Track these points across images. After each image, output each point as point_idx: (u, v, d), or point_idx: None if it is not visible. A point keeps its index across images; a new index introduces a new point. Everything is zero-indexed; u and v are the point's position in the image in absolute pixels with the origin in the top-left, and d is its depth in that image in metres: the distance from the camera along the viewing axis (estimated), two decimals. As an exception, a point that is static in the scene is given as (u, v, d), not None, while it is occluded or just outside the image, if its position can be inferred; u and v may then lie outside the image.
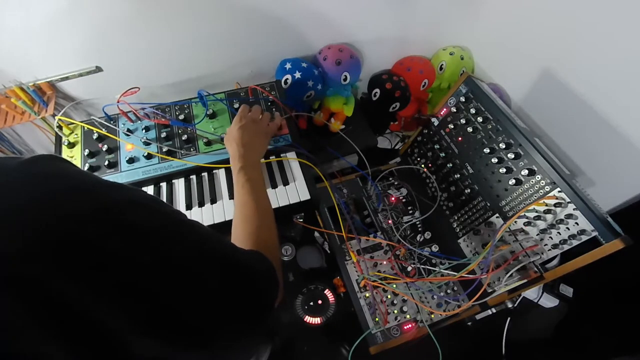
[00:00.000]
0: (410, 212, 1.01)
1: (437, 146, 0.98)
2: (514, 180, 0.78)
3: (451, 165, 0.94)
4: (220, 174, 0.87)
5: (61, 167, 0.35)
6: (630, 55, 0.78)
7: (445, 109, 0.95)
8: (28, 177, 0.31)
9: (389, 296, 0.85)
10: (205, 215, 0.81)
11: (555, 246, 0.72)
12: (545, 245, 0.73)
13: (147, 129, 0.88)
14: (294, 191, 0.84)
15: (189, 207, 0.82)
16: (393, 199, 1.02)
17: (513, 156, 0.79)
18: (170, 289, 0.33)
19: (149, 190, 0.85)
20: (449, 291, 0.87)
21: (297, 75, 1.00)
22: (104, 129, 0.86)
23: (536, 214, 0.74)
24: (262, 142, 0.78)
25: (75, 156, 0.85)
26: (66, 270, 0.27)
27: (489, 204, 0.85)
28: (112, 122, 0.88)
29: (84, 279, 0.28)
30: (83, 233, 0.29)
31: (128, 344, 0.29)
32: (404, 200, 1.02)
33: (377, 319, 0.82)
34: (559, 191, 0.70)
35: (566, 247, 0.70)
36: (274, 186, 0.85)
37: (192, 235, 0.40)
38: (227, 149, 0.76)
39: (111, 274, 0.29)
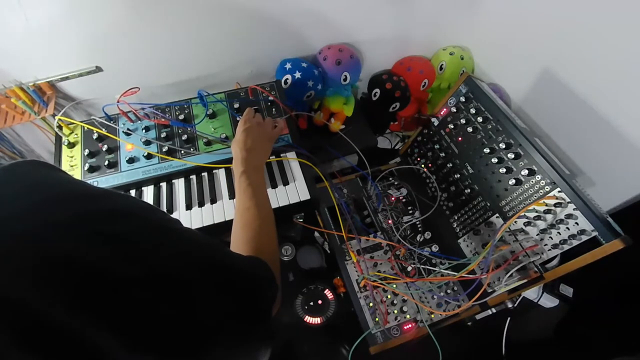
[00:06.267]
0: (410, 212, 1.01)
1: (437, 146, 0.98)
2: (514, 180, 0.78)
3: (451, 165, 0.94)
4: (220, 174, 0.87)
5: (41, 175, 0.33)
6: (630, 56, 0.78)
7: (445, 109, 0.95)
8: (5, 186, 0.30)
9: (389, 296, 0.85)
10: (205, 216, 0.81)
11: (555, 246, 0.72)
12: (545, 245, 0.73)
13: (147, 129, 0.88)
14: (294, 191, 0.84)
15: (188, 207, 0.82)
16: (393, 199, 1.02)
17: (513, 156, 0.79)
18: (160, 302, 0.31)
19: (149, 190, 0.85)
20: (449, 291, 0.87)
21: (297, 75, 1.00)
22: (104, 129, 0.86)
23: (536, 214, 0.74)
24: (265, 146, 0.77)
25: (75, 156, 0.85)
26: (47, 288, 0.26)
27: (489, 204, 0.85)
28: (112, 122, 0.88)
29: (66, 296, 0.26)
30: (63, 247, 0.27)
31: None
32: (404, 200, 1.02)
33: (377, 319, 0.82)
34: (559, 191, 0.70)
35: (566, 247, 0.70)
36: (274, 186, 0.85)
37: (182, 245, 0.38)
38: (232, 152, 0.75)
39: (95, 289, 0.28)
